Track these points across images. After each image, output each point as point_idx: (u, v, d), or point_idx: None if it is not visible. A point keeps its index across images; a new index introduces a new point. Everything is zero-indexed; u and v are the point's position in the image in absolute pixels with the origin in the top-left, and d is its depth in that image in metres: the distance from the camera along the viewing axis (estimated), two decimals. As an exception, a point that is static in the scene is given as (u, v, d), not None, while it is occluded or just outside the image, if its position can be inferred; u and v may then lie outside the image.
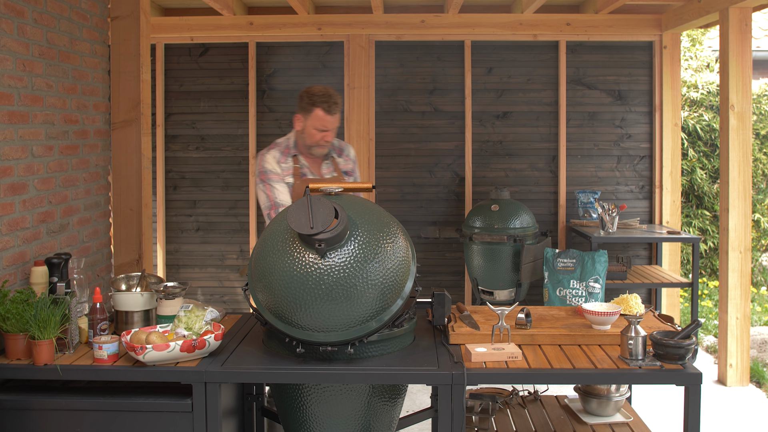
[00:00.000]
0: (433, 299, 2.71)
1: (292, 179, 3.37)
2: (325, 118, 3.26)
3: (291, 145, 3.42)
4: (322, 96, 3.24)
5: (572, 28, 5.68)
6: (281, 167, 3.37)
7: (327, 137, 3.31)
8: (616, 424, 2.90)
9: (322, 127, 3.27)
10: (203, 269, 5.87)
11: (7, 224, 2.92)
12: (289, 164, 3.38)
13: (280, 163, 3.39)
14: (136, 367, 2.44)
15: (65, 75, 3.40)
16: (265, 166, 3.37)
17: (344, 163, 3.50)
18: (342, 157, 3.50)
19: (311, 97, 3.25)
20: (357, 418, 2.58)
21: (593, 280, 4.79)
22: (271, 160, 3.38)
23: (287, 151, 3.41)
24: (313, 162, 3.43)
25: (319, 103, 3.23)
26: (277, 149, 3.41)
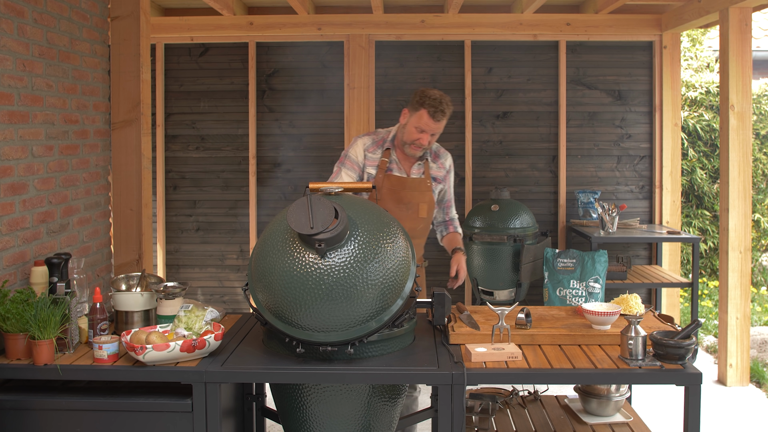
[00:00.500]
0: (433, 299, 2.71)
1: (375, 171, 3.33)
2: (428, 121, 3.21)
3: (389, 137, 3.37)
4: (433, 100, 3.21)
5: (572, 28, 5.68)
6: (367, 156, 3.34)
7: (423, 140, 3.24)
8: (616, 424, 2.90)
9: (421, 128, 3.23)
10: (203, 269, 5.87)
11: (7, 224, 2.92)
12: (377, 155, 3.35)
13: (368, 151, 3.35)
14: (136, 367, 2.44)
15: (65, 75, 3.40)
16: (349, 150, 3.37)
17: (437, 170, 3.42)
18: (436, 163, 3.43)
19: (423, 97, 3.23)
20: (357, 418, 2.58)
21: (593, 280, 4.79)
22: (359, 146, 3.36)
23: (382, 142, 3.37)
24: (405, 159, 3.37)
25: (427, 105, 3.21)
26: (371, 137, 3.39)
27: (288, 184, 5.81)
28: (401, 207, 3.31)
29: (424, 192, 3.35)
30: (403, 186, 3.32)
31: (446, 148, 3.58)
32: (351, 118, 5.68)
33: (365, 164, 3.36)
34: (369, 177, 3.34)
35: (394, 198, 3.32)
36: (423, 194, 3.35)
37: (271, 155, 5.80)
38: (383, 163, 3.33)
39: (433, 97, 3.22)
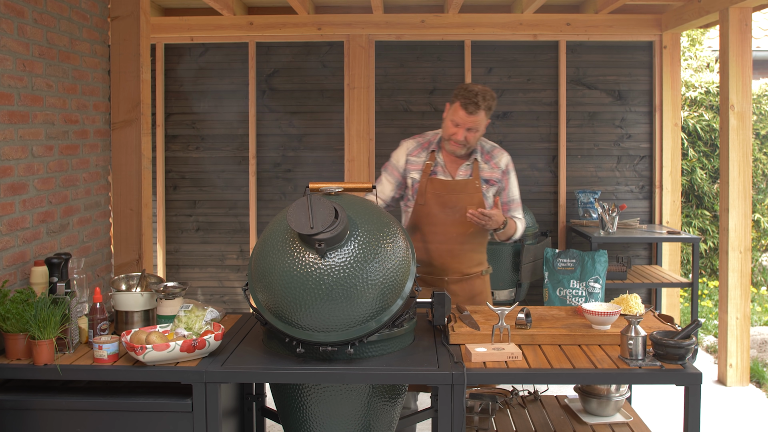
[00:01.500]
0: (433, 299, 2.71)
1: (418, 176, 3.21)
2: (461, 114, 3.08)
3: (435, 139, 3.25)
4: (467, 92, 3.09)
5: (572, 28, 5.68)
6: (409, 160, 3.24)
7: (458, 135, 3.10)
8: (616, 424, 2.90)
9: (456, 122, 3.11)
10: (203, 269, 5.87)
11: (7, 224, 2.92)
12: (422, 158, 3.23)
13: (411, 156, 3.25)
14: (136, 367, 2.44)
15: (65, 75, 3.40)
16: (392, 155, 3.30)
17: (489, 171, 3.23)
18: (488, 164, 3.24)
19: (459, 89, 3.12)
20: (357, 418, 2.58)
21: (593, 280, 4.79)
22: (402, 150, 3.28)
23: (427, 144, 3.25)
24: (451, 161, 3.22)
25: (461, 97, 3.09)
26: (417, 140, 3.28)
27: (288, 184, 5.81)
28: (447, 211, 3.17)
29: (472, 194, 3.17)
30: (447, 189, 3.17)
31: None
32: (351, 118, 5.68)
33: (408, 169, 3.24)
34: (413, 182, 3.22)
35: (439, 202, 3.17)
36: (471, 196, 3.17)
37: (271, 155, 5.80)
38: (427, 167, 3.20)
39: (468, 89, 3.10)
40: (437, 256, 3.23)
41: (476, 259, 3.31)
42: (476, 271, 3.31)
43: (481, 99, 3.09)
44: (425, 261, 3.25)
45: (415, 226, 3.26)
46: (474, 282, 3.30)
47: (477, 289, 3.31)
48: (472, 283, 3.29)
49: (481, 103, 3.09)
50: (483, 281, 3.35)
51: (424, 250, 3.25)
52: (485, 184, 3.23)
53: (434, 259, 3.24)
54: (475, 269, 3.30)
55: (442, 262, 3.23)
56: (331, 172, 5.76)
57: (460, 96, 3.10)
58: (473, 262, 3.29)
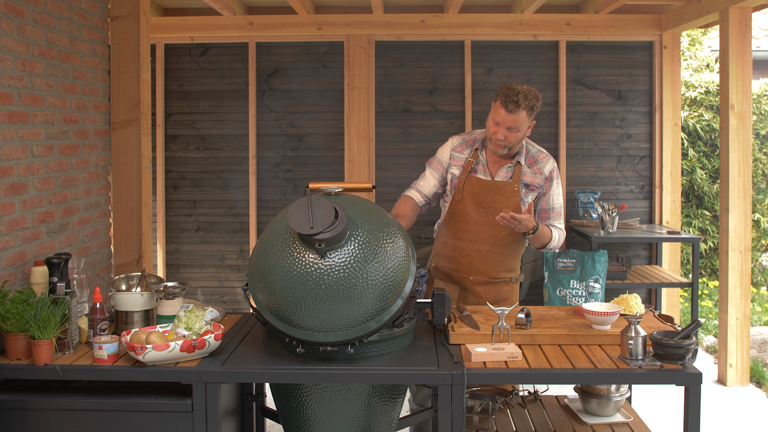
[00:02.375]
0: (433, 299, 2.71)
1: (459, 172, 3.20)
2: (501, 112, 3.04)
3: (480, 137, 3.24)
4: (508, 91, 3.05)
5: (572, 28, 5.68)
6: (453, 156, 3.24)
7: (498, 134, 3.06)
8: (616, 424, 2.90)
9: (496, 121, 3.07)
10: (203, 269, 5.87)
11: (7, 224, 2.92)
12: (464, 155, 3.22)
13: (455, 151, 3.25)
14: (136, 367, 2.44)
15: (65, 75, 3.40)
16: (439, 149, 3.31)
17: (531, 176, 3.17)
18: (531, 168, 3.18)
19: (501, 88, 3.10)
20: (357, 418, 2.58)
21: (593, 280, 4.79)
22: (448, 146, 3.28)
23: (472, 141, 3.24)
24: (494, 162, 3.19)
25: (500, 95, 3.07)
26: (463, 137, 3.28)
27: (288, 184, 5.82)
28: (481, 211, 3.14)
29: (509, 197, 3.13)
30: (484, 188, 3.14)
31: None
32: (351, 118, 5.68)
33: (450, 164, 3.24)
34: (453, 177, 3.22)
35: (475, 201, 3.15)
36: (508, 199, 3.12)
37: (271, 155, 5.80)
38: (468, 164, 3.19)
39: (509, 88, 3.06)
40: (465, 254, 3.20)
41: (507, 265, 3.25)
42: (505, 277, 3.25)
43: (522, 98, 3.03)
44: (453, 258, 3.23)
45: (449, 222, 3.23)
46: (501, 287, 3.25)
47: (503, 295, 3.25)
48: (498, 287, 3.24)
49: (521, 102, 3.03)
50: (511, 288, 3.28)
51: (454, 246, 3.22)
52: (525, 188, 3.17)
53: (462, 257, 3.21)
54: (504, 274, 3.24)
55: (469, 261, 3.20)
56: (331, 172, 5.76)
57: (502, 94, 3.07)
58: (503, 267, 3.23)
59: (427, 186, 3.29)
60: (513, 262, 3.27)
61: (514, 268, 3.29)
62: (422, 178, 3.31)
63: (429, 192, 3.29)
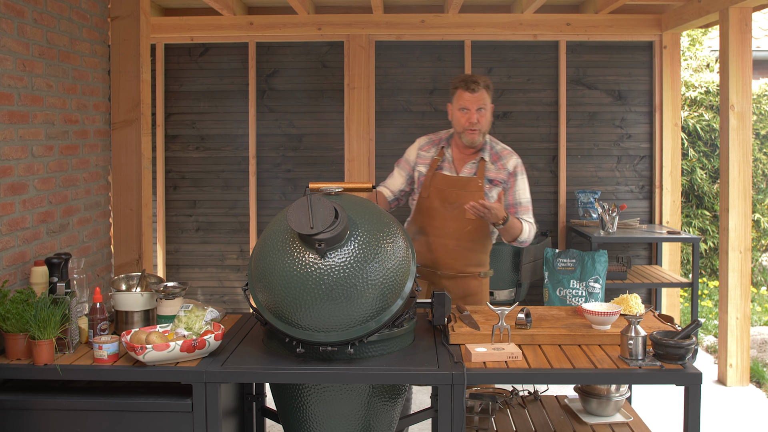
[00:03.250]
0: (433, 299, 2.71)
1: (425, 169, 3.30)
2: (463, 95, 3.19)
3: (445, 136, 3.35)
4: (462, 77, 3.22)
5: (572, 28, 5.68)
6: (420, 154, 3.35)
7: (471, 117, 3.18)
8: (616, 424, 2.90)
9: (463, 107, 3.20)
10: (203, 269, 5.87)
11: (7, 224, 2.92)
12: (430, 154, 3.33)
13: (422, 150, 3.36)
14: (136, 367, 2.44)
15: (65, 75, 3.40)
16: (406, 150, 3.41)
17: (495, 171, 3.27)
18: (495, 165, 3.28)
19: (454, 80, 3.25)
20: (357, 418, 2.58)
21: (593, 280, 4.79)
22: (415, 146, 3.39)
23: (438, 140, 3.36)
24: (459, 159, 3.30)
25: (459, 84, 3.22)
26: (429, 137, 3.40)
27: (288, 184, 5.82)
28: (447, 206, 3.23)
29: (473, 192, 3.22)
30: (449, 184, 3.24)
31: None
32: (351, 118, 5.68)
33: (417, 162, 3.34)
34: (420, 175, 3.32)
35: (441, 197, 3.25)
36: (472, 194, 3.21)
37: (271, 155, 5.80)
38: (434, 161, 3.29)
39: (462, 76, 3.25)
40: (433, 249, 3.29)
41: (475, 259, 3.32)
42: (473, 272, 3.32)
43: (477, 77, 3.22)
44: (421, 253, 3.32)
45: (416, 219, 3.34)
46: (469, 282, 3.32)
47: (471, 290, 3.32)
48: (466, 282, 3.31)
49: (479, 80, 3.21)
50: (480, 283, 3.35)
51: (422, 242, 3.33)
52: (489, 183, 3.27)
53: (430, 252, 3.31)
54: (471, 269, 3.31)
55: (436, 256, 3.29)
56: (331, 172, 5.76)
57: (458, 83, 3.23)
58: (470, 262, 3.30)
59: (394, 184, 3.40)
60: (481, 257, 3.35)
61: (482, 263, 3.36)
62: (390, 176, 3.43)
63: (396, 189, 3.40)
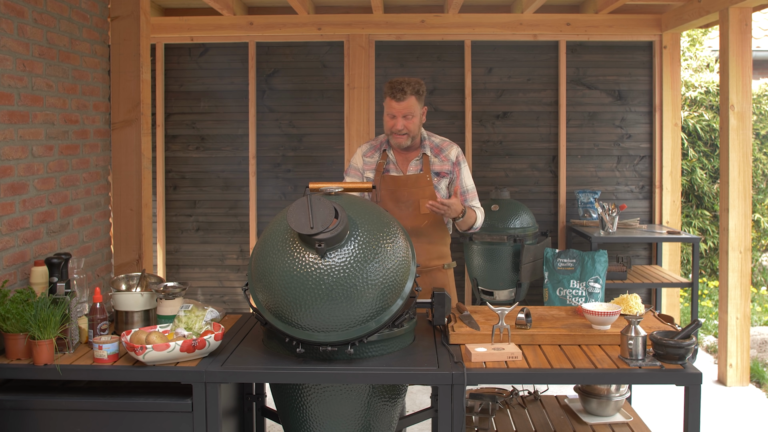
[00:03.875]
0: (433, 299, 2.71)
1: (372, 174, 3.35)
2: (390, 104, 3.24)
3: (384, 140, 3.40)
4: (391, 83, 3.25)
5: (572, 28, 5.68)
6: (365, 161, 3.39)
7: (397, 125, 3.23)
8: (616, 424, 2.90)
9: (391, 114, 3.25)
10: (203, 269, 5.87)
11: (7, 224, 2.92)
12: (374, 159, 3.38)
13: (366, 156, 3.40)
14: (136, 367, 2.44)
15: (65, 75, 3.40)
16: (352, 158, 3.45)
17: (439, 164, 3.35)
18: (438, 157, 3.36)
19: (385, 86, 3.28)
20: (357, 418, 2.58)
21: (593, 280, 4.79)
22: (358, 153, 3.43)
23: (379, 145, 3.41)
24: (402, 159, 3.36)
25: (387, 91, 3.26)
26: (370, 143, 3.45)
27: (288, 184, 5.82)
28: (401, 206, 3.30)
29: (423, 188, 3.30)
30: (399, 184, 3.31)
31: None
32: (351, 118, 5.68)
33: (364, 169, 3.39)
34: (368, 180, 3.35)
35: (393, 198, 3.31)
36: (422, 190, 3.30)
37: (271, 155, 5.80)
38: (380, 165, 3.35)
39: (392, 81, 3.26)
40: None
41: (436, 252, 3.37)
42: (436, 264, 3.38)
43: (405, 85, 3.21)
44: None
45: None
46: (435, 275, 3.38)
47: (439, 282, 3.38)
48: (433, 275, 3.37)
49: (406, 88, 3.21)
50: (445, 275, 3.42)
51: None
52: (436, 176, 3.34)
53: None
54: (435, 262, 3.37)
55: None
56: (331, 172, 5.76)
57: (388, 89, 3.26)
58: (432, 255, 3.36)
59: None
60: (442, 248, 3.41)
61: (444, 255, 3.42)
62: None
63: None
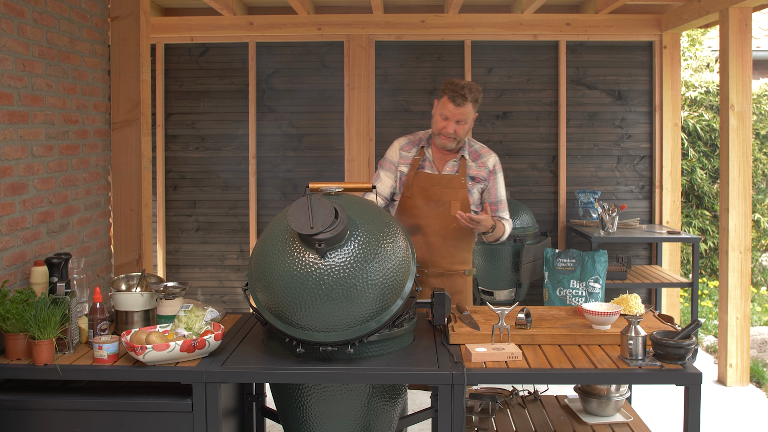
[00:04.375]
0: (433, 299, 2.71)
1: (407, 169, 3.31)
2: (448, 106, 3.18)
3: (425, 137, 3.37)
4: (453, 86, 3.20)
5: (572, 28, 5.68)
6: (401, 155, 3.35)
7: (447, 128, 3.20)
8: (616, 424, 2.90)
9: (444, 115, 3.21)
10: (203, 269, 5.87)
11: (7, 224, 2.92)
12: (412, 154, 3.34)
13: (403, 150, 3.36)
14: (136, 367, 2.44)
15: (65, 75, 3.40)
16: (387, 151, 3.40)
17: (476, 169, 3.31)
18: (476, 162, 3.32)
19: (445, 84, 3.23)
20: (357, 418, 2.58)
21: (593, 280, 4.79)
22: (396, 146, 3.39)
23: (418, 141, 3.37)
24: (440, 158, 3.32)
25: (447, 91, 3.20)
26: (408, 137, 3.41)
27: (288, 184, 5.82)
28: (431, 204, 3.25)
29: (456, 189, 3.26)
30: (432, 183, 3.26)
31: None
32: (351, 118, 5.68)
33: (399, 163, 3.34)
34: (402, 175, 3.32)
35: (424, 195, 3.26)
36: (456, 192, 3.26)
37: (271, 155, 5.80)
38: (416, 161, 3.31)
39: (454, 83, 3.20)
40: (418, 247, 3.29)
41: (459, 257, 3.33)
42: (458, 270, 3.33)
43: (467, 91, 3.18)
44: None
45: (400, 218, 3.34)
46: (455, 280, 3.33)
47: (457, 288, 3.34)
48: (452, 280, 3.33)
49: (467, 95, 3.18)
50: (465, 281, 3.37)
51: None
52: (471, 180, 3.30)
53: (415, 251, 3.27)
54: (456, 267, 3.33)
55: (421, 255, 3.30)
56: (331, 172, 5.76)
57: (448, 90, 3.20)
58: (455, 260, 3.32)
59: (384, 188, 3.36)
60: (465, 254, 3.37)
61: (466, 260, 3.39)
62: (378, 180, 3.36)
63: (388, 192, 3.37)
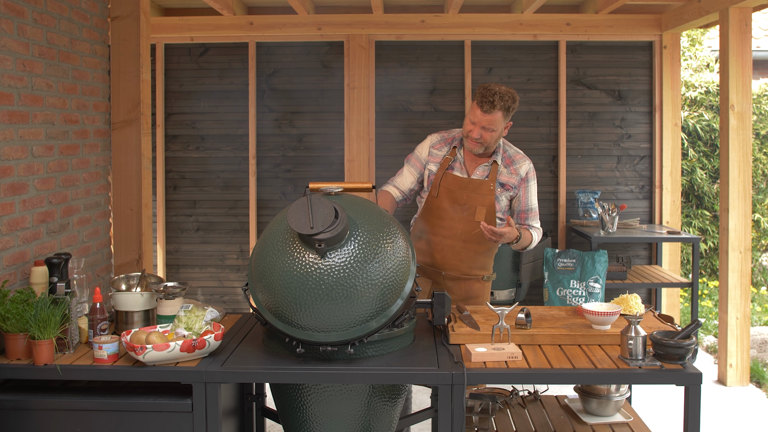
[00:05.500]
0: (433, 299, 2.71)
1: (435, 168, 3.25)
2: (476, 111, 3.10)
3: (458, 136, 3.28)
4: (484, 91, 3.10)
5: (572, 28, 5.69)
6: (431, 152, 3.29)
7: (474, 132, 3.11)
8: (616, 424, 2.90)
9: (472, 120, 3.12)
10: (203, 269, 5.87)
11: (7, 224, 2.92)
12: (442, 153, 3.27)
13: (434, 148, 3.29)
14: (136, 367, 2.44)
15: (65, 75, 3.40)
16: (418, 146, 3.36)
17: (507, 175, 3.22)
18: (508, 169, 3.23)
19: (479, 88, 3.14)
20: (357, 418, 2.58)
21: (593, 280, 4.79)
22: (427, 143, 3.33)
23: (451, 140, 3.29)
24: (471, 160, 3.24)
25: (477, 95, 3.11)
26: (442, 134, 3.33)
27: (288, 184, 5.81)
28: (456, 208, 3.20)
29: (484, 195, 3.18)
30: (460, 186, 3.20)
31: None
32: (351, 118, 5.68)
33: (428, 161, 3.29)
34: (430, 173, 3.27)
35: (450, 197, 3.20)
36: (483, 197, 3.18)
37: (271, 155, 5.80)
38: (446, 161, 3.24)
39: (486, 88, 3.11)
40: (439, 249, 3.25)
41: (479, 262, 3.29)
42: (477, 274, 3.30)
43: (498, 99, 3.07)
44: (427, 252, 3.28)
45: (424, 217, 3.29)
46: (472, 284, 3.30)
47: (474, 292, 3.31)
48: (470, 284, 3.30)
49: (497, 102, 3.07)
50: (483, 286, 3.34)
51: (428, 241, 3.28)
52: (500, 187, 3.22)
53: (436, 252, 3.26)
54: (476, 272, 3.30)
55: (442, 257, 3.25)
56: (331, 172, 5.76)
57: (479, 95, 3.12)
58: (475, 264, 3.28)
59: (404, 183, 3.33)
60: (486, 260, 3.32)
61: (486, 266, 3.34)
62: (399, 174, 3.35)
63: (406, 188, 3.33)
